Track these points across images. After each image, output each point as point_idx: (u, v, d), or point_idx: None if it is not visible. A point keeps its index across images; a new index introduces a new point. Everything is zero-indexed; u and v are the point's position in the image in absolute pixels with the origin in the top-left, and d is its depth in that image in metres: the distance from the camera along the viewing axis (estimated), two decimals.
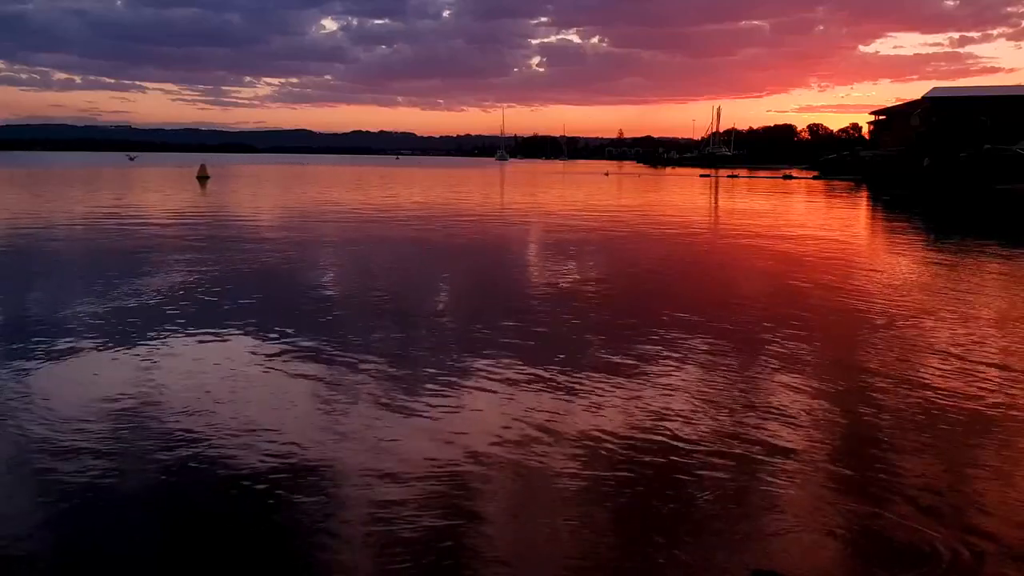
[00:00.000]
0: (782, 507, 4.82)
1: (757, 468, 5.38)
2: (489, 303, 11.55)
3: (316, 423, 6.22)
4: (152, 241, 18.77)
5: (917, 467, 5.45)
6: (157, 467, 5.35)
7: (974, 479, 5.26)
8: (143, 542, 4.42)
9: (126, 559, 4.24)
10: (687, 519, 4.66)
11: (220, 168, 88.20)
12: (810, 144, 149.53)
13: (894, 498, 4.93)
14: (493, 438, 5.89)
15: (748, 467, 5.40)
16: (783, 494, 4.99)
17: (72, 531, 4.48)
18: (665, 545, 4.35)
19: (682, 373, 7.69)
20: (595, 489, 5.06)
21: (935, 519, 4.66)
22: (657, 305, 11.39)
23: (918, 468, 5.43)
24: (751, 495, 4.97)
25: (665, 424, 6.23)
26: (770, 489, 5.06)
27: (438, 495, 4.92)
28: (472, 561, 4.20)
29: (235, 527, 4.57)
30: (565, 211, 32.15)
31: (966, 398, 6.93)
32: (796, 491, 5.04)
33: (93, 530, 4.50)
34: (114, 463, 5.39)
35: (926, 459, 5.60)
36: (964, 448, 5.82)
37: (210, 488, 5.04)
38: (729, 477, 5.23)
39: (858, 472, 5.34)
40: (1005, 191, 37.85)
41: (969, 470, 5.42)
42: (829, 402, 6.82)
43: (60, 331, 9.10)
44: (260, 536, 4.46)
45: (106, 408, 6.48)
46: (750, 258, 17.26)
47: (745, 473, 5.30)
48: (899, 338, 9.19)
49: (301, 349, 8.44)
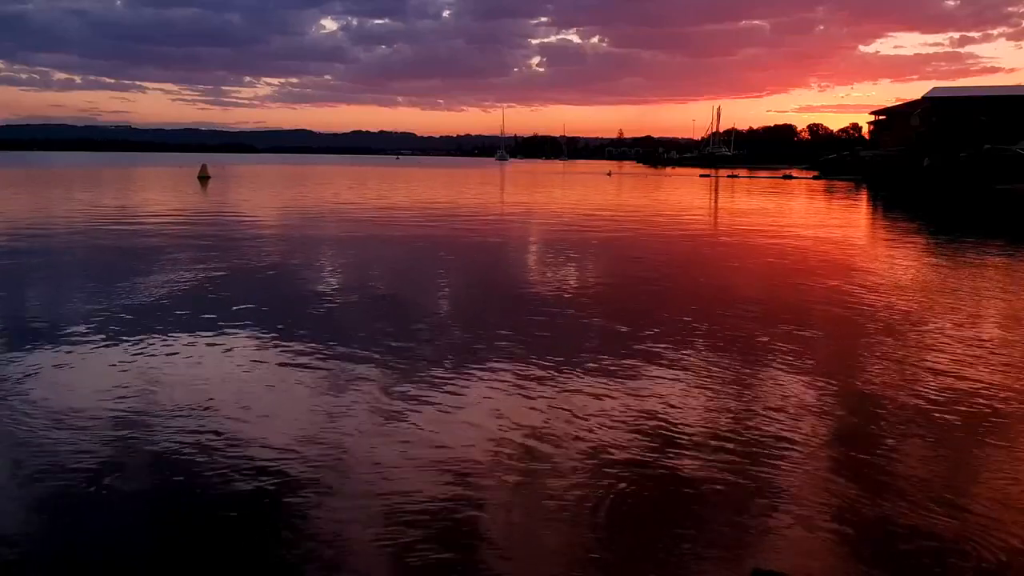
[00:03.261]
0: (783, 507, 4.83)
1: (758, 468, 5.39)
2: (492, 303, 11.56)
3: (317, 422, 6.22)
4: (157, 241, 18.77)
5: (919, 467, 5.45)
6: (158, 467, 5.36)
7: (977, 479, 5.27)
8: (143, 542, 4.43)
9: (126, 559, 4.25)
10: (687, 519, 4.66)
11: (220, 168, 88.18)
12: (810, 144, 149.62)
13: (896, 498, 4.93)
14: (494, 438, 5.90)
15: (749, 467, 5.40)
16: (784, 494, 5.00)
17: (72, 531, 4.49)
18: (666, 545, 4.36)
19: (683, 373, 7.69)
20: (595, 489, 5.07)
21: (936, 520, 4.67)
22: (657, 305, 11.40)
23: (921, 468, 5.43)
24: (752, 494, 4.98)
25: (666, 424, 6.24)
26: (771, 489, 5.06)
27: (438, 494, 4.93)
28: (472, 561, 4.22)
29: (235, 527, 4.58)
30: (566, 211, 32.15)
31: (967, 398, 6.93)
32: (797, 491, 5.05)
33: (93, 530, 4.50)
34: (115, 463, 5.39)
35: (929, 459, 5.61)
36: (967, 448, 5.82)
37: (210, 488, 5.04)
38: (730, 477, 5.24)
39: (860, 472, 5.35)
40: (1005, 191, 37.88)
41: (972, 470, 5.43)
42: (830, 402, 6.83)
43: (61, 331, 9.09)
44: (260, 536, 4.48)
45: (107, 407, 6.48)
46: (750, 258, 17.26)
47: (746, 473, 5.30)
48: (900, 338, 9.20)
49: (303, 348, 8.44)
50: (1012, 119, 52.74)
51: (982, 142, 46.40)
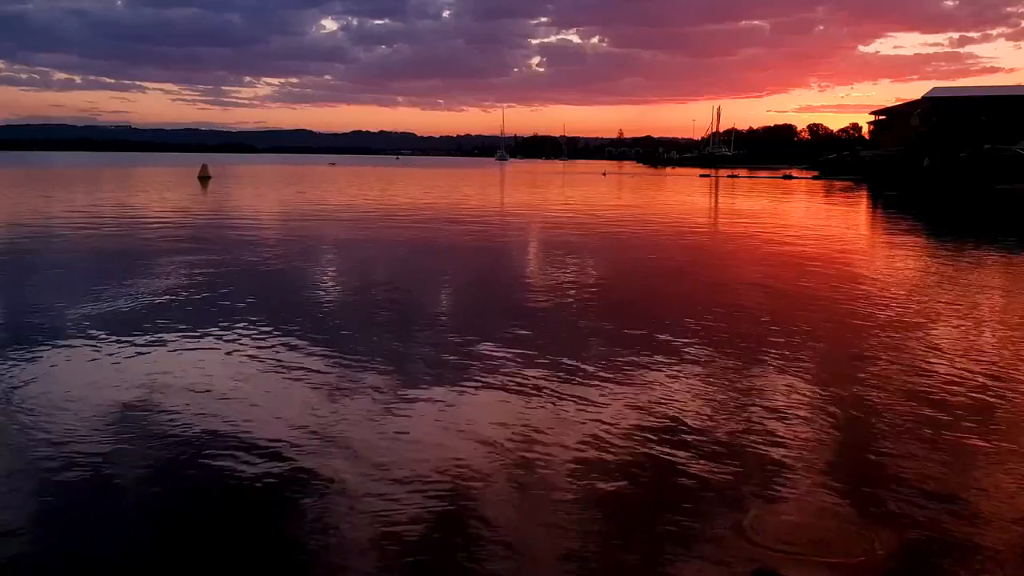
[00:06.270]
0: (784, 507, 4.84)
1: (759, 468, 5.39)
2: (491, 303, 11.56)
3: (317, 421, 6.21)
4: (156, 241, 18.78)
5: (921, 468, 5.45)
6: (158, 467, 5.36)
7: (977, 479, 5.27)
8: (144, 541, 4.43)
9: (126, 559, 4.26)
10: (688, 519, 4.67)
11: (220, 168, 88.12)
12: (810, 144, 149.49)
13: (896, 499, 4.94)
14: (493, 438, 5.90)
15: (750, 467, 5.41)
16: (785, 494, 5.01)
17: (72, 531, 4.50)
18: (666, 545, 4.37)
19: (683, 372, 7.69)
20: (595, 489, 5.08)
21: (937, 520, 4.67)
22: (657, 304, 11.41)
23: (922, 469, 5.43)
24: (753, 495, 4.99)
25: (666, 424, 6.25)
26: (772, 489, 5.08)
27: (439, 494, 4.93)
28: (472, 561, 4.23)
29: (235, 526, 4.59)
30: (566, 211, 32.15)
31: (967, 398, 6.94)
32: (798, 491, 5.05)
33: (94, 530, 4.51)
34: (114, 462, 5.40)
35: (930, 460, 5.61)
36: (967, 448, 5.83)
37: (210, 488, 5.04)
38: (730, 477, 5.25)
39: (861, 473, 5.35)
40: (1005, 191, 37.87)
41: (972, 470, 5.43)
42: (831, 402, 6.83)
43: (64, 330, 9.10)
44: (260, 536, 4.48)
45: (107, 407, 6.48)
46: (750, 258, 17.27)
47: (747, 473, 5.32)
48: (901, 339, 9.21)
49: (303, 348, 8.45)
50: (1012, 119, 52.73)
51: (982, 142, 46.39)
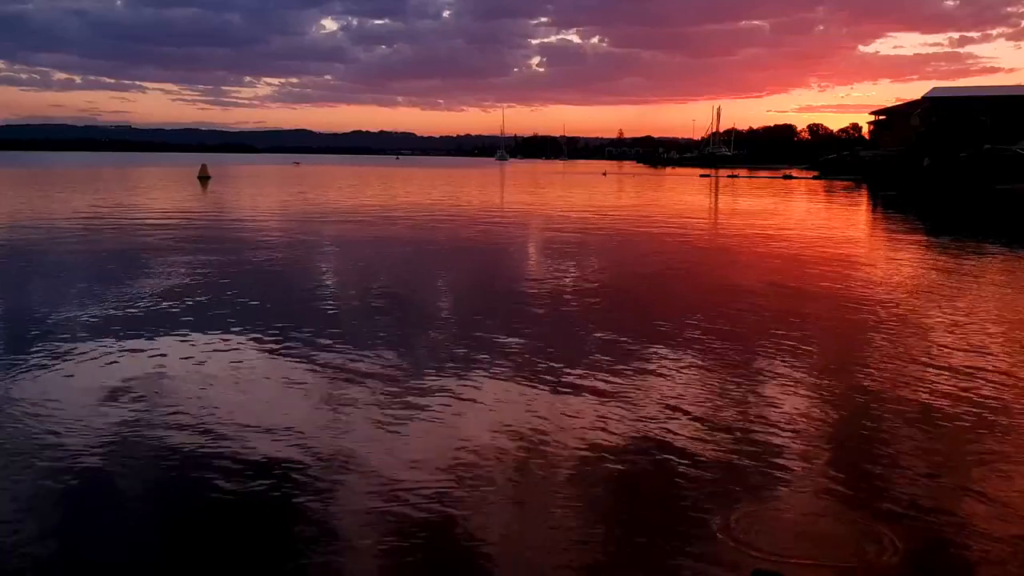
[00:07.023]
0: (784, 507, 4.85)
1: (759, 469, 5.40)
2: (491, 303, 11.57)
3: (318, 420, 6.23)
4: (156, 241, 18.78)
5: (921, 469, 5.46)
6: (158, 467, 5.37)
7: (977, 480, 5.28)
8: (144, 542, 4.44)
9: (126, 559, 4.27)
10: (688, 519, 4.68)
11: (220, 168, 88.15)
12: (810, 144, 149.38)
13: (896, 499, 4.95)
14: (494, 438, 5.91)
15: (750, 468, 5.42)
16: (785, 494, 5.02)
17: (72, 531, 4.51)
18: (667, 545, 4.38)
19: (683, 372, 7.70)
20: (596, 490, 5.09)
21: (937, 521, 4.68)
22: (657, 304, 11.42)
23: (922, 471, 5.44)
24: (753, 496, 5.00)
25: (667, 424, 6.25)
26: (772, 489, 5.08)
27: (439, 493, 4.95)
28: (472, 561, 4.23)
29: (235, 527, 4.60)
30: (567, 211, 32.15)
31: (968, 399, 6.95)
32: (798, 491, 5.06)
33: (93, 530, 4.52)
34: (115, 462, 5.41)
35: (931, 461, 5.62)
36: (967, 450, 5.84)
37: (210, 488, 5.05)
38: (731, 477, 5.26)
39: (861, 473, 5.36)
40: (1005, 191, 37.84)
41: (972, 472, 5.44)
42: (832, 403, 6.84)
43: (65, 330, 9.11)
44: (260, 535, 4.49)
45: (108, 406, 6.50)
46: (750, 258, 17.28)
47: (747, 473, 5.32)
48: (901, 339, 9.22)
49: (303, 347, 8.46)
50: (1012, 119, 52.68)
51: (982, 142, 46.34)
